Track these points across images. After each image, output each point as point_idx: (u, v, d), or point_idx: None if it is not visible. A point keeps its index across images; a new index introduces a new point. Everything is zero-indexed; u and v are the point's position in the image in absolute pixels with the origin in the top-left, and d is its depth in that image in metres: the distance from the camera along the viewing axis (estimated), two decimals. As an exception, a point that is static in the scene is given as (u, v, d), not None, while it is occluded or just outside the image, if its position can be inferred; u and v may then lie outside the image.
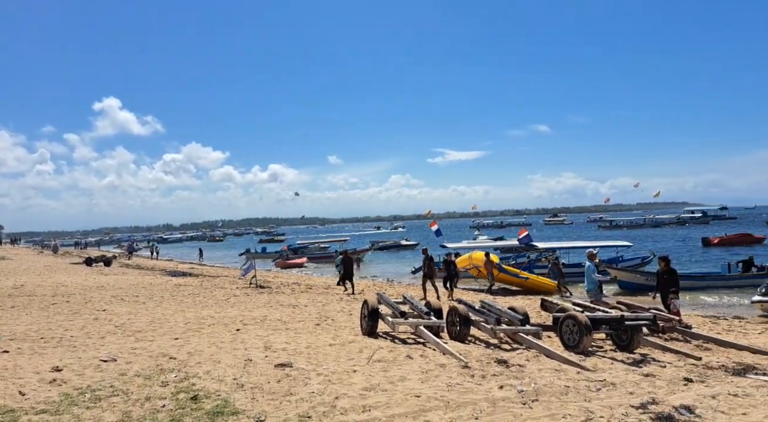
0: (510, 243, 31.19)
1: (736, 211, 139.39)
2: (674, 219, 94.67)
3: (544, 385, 6.37)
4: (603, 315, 9.05)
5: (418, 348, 8.46)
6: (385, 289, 20.50)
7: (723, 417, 5.31)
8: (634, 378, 6.91)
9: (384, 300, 10.49)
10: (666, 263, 11.88)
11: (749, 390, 6.33)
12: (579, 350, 8.32)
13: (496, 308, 9.82)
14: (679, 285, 11.86)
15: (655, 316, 9.42)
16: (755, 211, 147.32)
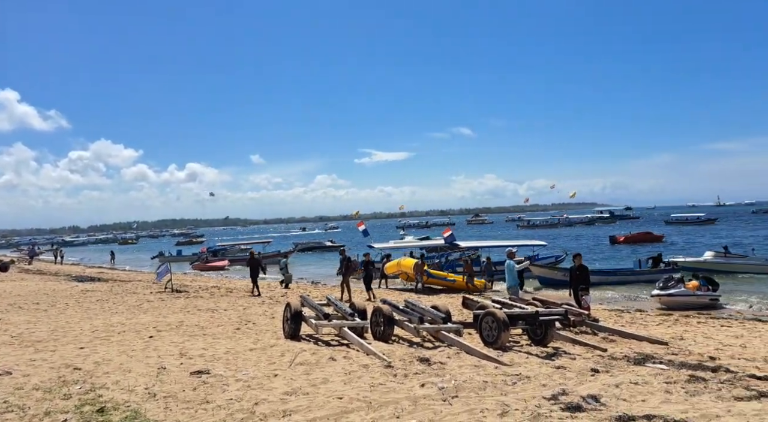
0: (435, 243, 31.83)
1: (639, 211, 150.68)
2: (585, 219, 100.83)
3: (463, 381, 6.53)
4: (520, 312, 9.42)
5: (342, 350, 8.41)
6: (309, 291, 20.27)
7: (624, 404, 5.67)
8: (547, 370, 7.24)
9: (307, 303, 10.36)
10: (579, 260, 12.61)
11: (648, 378, 6.82)
12: (497, 346, 8.62)
13: (419, 307, 9.96)
14: (590, 281, 12.62)
15: (566, 311, 9.93)
16: (655, 211, 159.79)
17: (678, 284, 17.20)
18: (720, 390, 6.23)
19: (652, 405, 5.66)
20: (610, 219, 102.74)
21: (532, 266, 24.22)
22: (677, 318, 14.09)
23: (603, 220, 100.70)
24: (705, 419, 5.13)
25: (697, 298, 16.86)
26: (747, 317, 14.86)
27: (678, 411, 5.38)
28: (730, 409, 5.41)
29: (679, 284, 17.19)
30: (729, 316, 15.03)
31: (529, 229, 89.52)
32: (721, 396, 5.97)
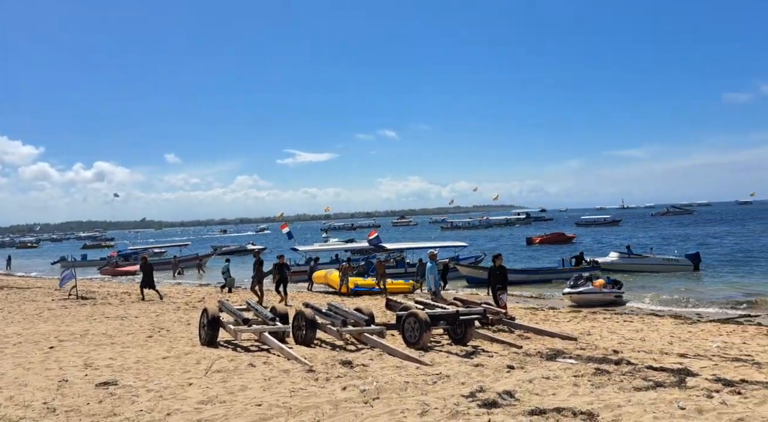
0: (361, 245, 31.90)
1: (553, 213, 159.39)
2: (504, 221, 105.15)
3: (385, 383, 6.56)
4: (441, 312, 9.62)
5: (262, 356, 8.20)
6: (229, 296, 19.64)
7: (537, 398, 5.93)
8: (466, 369, 7.44)
9: (226, 308, 10.01)
10: (499, 261, 13.07)
11: (558, 372, 7.18)
12: (419, 346, 8.75)
13: (342, 310, 9.91)
14: (508, 281, 13.12)
15: (485, 310, 10.26)
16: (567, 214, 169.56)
17: (587, 282, 18.30)
18: (622, 381, 6.66)
19: (562, 398, 5.95)
20: (526, 220, 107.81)
21: (460, 266, 25.11)
22: (586, 314, 14.98)
23: (520, 222, 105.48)
24: (608, 409, 5.45)
25: (603, 296, 18.01)
26: (646, 312, 16.09)
27: (584, 403, 5.69)
28: (630, 399, 5.80)
29: (587, 282, 18.30)
30: (631, 312, 16.19)
31: (452, 231, 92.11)
32: (622, 387, 6.38)
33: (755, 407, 5.48)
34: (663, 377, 6.85)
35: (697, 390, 6.15)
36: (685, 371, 7.22)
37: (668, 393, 6.04)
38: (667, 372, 7.18)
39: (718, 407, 5.44)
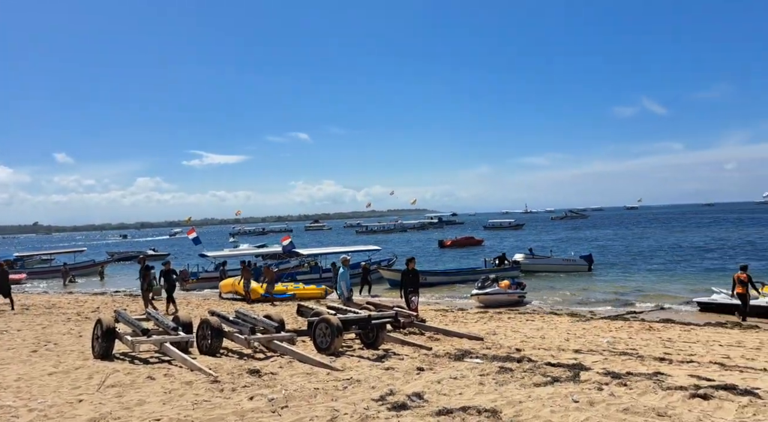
0: (273, 250, 31.23)
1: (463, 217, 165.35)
2: (417, 225, 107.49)
3: (294, 390, 6.42)
4: (353, 316, 9.60)
5: (163, 368, 7.74)
6: (127, 305, 18.41)
7: (445, 398, 6.06)
8: (377, 372, 7.46)
9: (123, 318, 9.36)
10: (412, 264, 13.31)
11: (465, 372, 7.40)
12: (331, 351, 8.67)
13: (251, 317, 9.61)
14: (419, 284, 13.38)
15: (396, 314, 10.38)
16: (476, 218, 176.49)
17: (493, 284, 19.10)
18: (523, 378, 6.99)
19: (468, 397, 6.13)
20: (438, 224, 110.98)
21: (383, 269, 25.44)
22: (492, 315, 15.62)
23: (433, 226, 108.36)
24: (510, 405, 5.69)
25: (508, 296, 18.89)
26: (546, 311, 17.07)
27: (489, 400, 5.90)
28: (530, 395, 6.09)
29: (494, 284, 19.11)
30: (533, 311, 17.11)
31: (367, 235, 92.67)
32: (524, 383, 6.69)
33: (638, 397, 5.95)
34: (560, 372, 7.26)
35: (590, 384, 6.58)
36: (579, 366, 7.71)
37: (564, 388, 6.41)
38: (564, 367, 7.63)
39: (607, 398, 5.85)
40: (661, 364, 8.20)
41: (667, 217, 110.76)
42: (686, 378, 7.04)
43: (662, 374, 7.32)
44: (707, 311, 16.18)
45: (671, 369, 7.82)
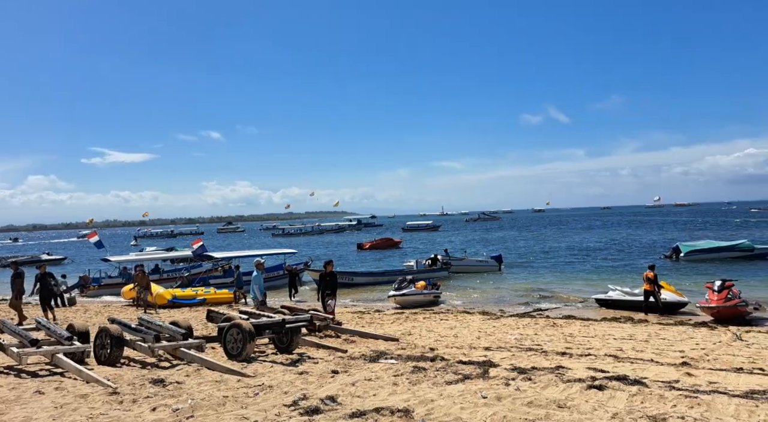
0: (183, 254, 29.85)
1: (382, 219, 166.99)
2: (335, 227, 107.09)
3: (201, 399, 6.12)
4: (266, 321, 9.34)
5: (54, 381, 7.11)
6: (12, 317, 16.76)
7: (359, 400, 6.04)
8: (290, 377, 7.30)
9: (7, 328, 8.51)
10: (330, 267, 13.21)
11: (380, 373, 7.43)
12: (242, 357, 8.38)
13: (155, 324, 9.08)
14: (337, 287, 13.31)
15: (312, 317, 10.24)
16: (395, 220, 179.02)
17: (410, 285, 19.42)
18: (436, 377, 7.12)
19: (382, 397, 6.15)
20: (357, 226, 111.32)
21: (312, 271, 25.34)
22: (408, 315, 15.85)
23: (352, 228, 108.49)
24: (422, 404, 5.77)
25: (424, 296, 19.28)
26: (459, 311, 17.58)
27: (402, 400, 5.95)
28: (442, 393, 6.21)
29: (410, 285, 19.42)
30: (447, 311, 17.55)
31: (284, 237, 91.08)
32: (436, 382, 6.82)
33: (542, 390, 6.25)
34: (470, 370, 7.48)
35: (498, 380, 6.83)
36: (488, 363, 7.99)
37: (474, 384, 6.61)
38: (474, 364, 7.88)
39: (513, 393, 6.09)
40: (563, 358, 8.69)
41: (569, 220, 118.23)
42: (584, 371, 7.51)
43: (563, 367, 7.76)
44: (604, 307, 17.38)
45: (571, 362, 8.31)
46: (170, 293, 19.21)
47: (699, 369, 7.85)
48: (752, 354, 9.30)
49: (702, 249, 31.50)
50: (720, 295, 14.56)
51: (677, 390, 6.26)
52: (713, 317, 14.39)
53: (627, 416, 5.23)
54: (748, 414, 5.34)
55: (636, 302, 16.71)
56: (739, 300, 14.50)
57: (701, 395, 6.04)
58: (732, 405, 5.63)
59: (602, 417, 5.23)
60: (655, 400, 5.80)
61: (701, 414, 5.29)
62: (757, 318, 14.65)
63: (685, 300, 16.42)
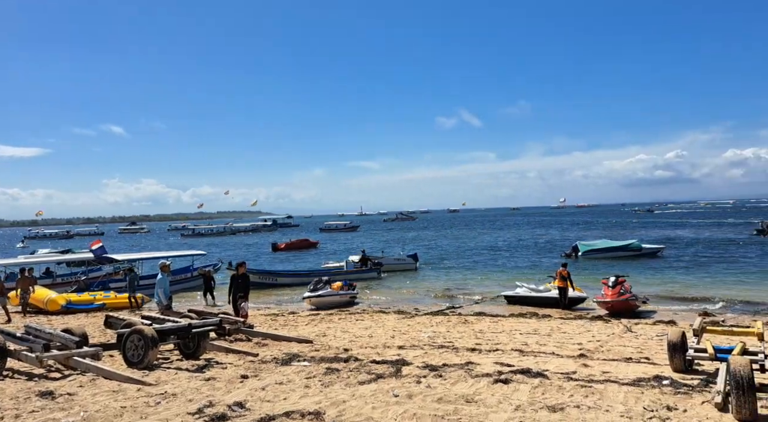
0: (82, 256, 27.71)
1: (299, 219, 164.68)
2: (249, 227, 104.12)
3: (96, 411, 5.69)
4: (171, 326, 8.87)
5: None
6: None
7: (268, 405, 5.87)
8: (196, 384, 6.97)
9: None
10: (243, 269, 12.76)
11: (292, 376, 7.28)
12: (143, 365, 7.90)
13: (45, 332, 8.33)
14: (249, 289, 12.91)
15: (221, 320, 9.86)
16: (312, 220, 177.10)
17: (326, 286, 19.25)
18: (349, 377, 7.09)
19: (293, 401, 6.02)
20: (272, 227, 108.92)
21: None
22: (323, 316, 15.69)
23: (267, 228, 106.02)
24: (334, 406, 5.71)
25: (340, 297, 19.17)
26: (375, 310, 17.67)
27: (313, 403, 5.86)
28: (354, 393, 6.19)
29: (326, 286, 19.25)
30: (363, 311, 17.58)
31: (193, 238, 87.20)
32: (349, 383, 6.79)
33: (451, 386, 6.41)
34: (383, 369, 7.52)
35: (410, 378, 6.91)
36: (401, 361, 8.08)
37: (386, 383, 6.65)
38: (388, 363, 7.93)
39: (424, 390, 6.19)
40: (473, 354, 8.97)
41: (482, 220, 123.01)
42: (492, 366, 7.80)
43: (473, 363, 8.01)
44: (513, 303, 18.18)
45: (480, 358, 8.59)
46: (64, 298, 17.73)
47: (594, 360, 8.40)
48: (640, 344, 10.10)
49: (598, 248, 33.88)
50: (614, 290, 15.71)
51: (574, 381, 6.65)
52: (608, 311, 15.49)
53: (528, 407, 5.47)
54: (635, 400, 5.77)
55: (541, 298, 17.63)
56: (630, 294, 15.72)
57: (595, 384, 6.46)
58: (621, 392, 6.07)
59: (506, 409, 5.44)
60: (554, 391, 6.13)
61: (594, 402, 5.65)
62: (645, 312, 15.96)
63: (584, 295, 17.55)
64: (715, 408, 5.43)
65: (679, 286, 21.34)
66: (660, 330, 11.77)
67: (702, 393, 6.02)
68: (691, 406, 5.55)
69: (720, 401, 5.41)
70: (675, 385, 6.35)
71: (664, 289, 20.58)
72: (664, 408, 5.49)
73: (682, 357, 7.12)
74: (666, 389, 6.20)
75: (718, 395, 5.50)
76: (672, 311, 16.08)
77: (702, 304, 17.20)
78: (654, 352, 9.01)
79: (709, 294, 19.05)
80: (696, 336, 7.81)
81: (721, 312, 15.56)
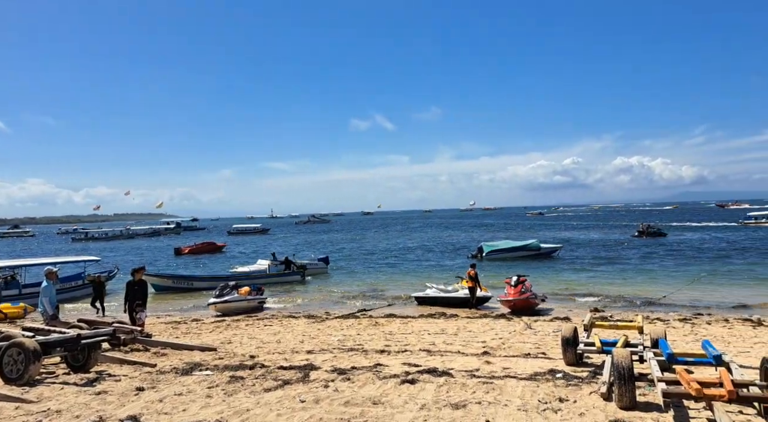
0: None
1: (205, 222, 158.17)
2: (150, 231, 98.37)
3: (-38, 438, 5.08)
4: (57, 337, 8.14)
5: None
6: None
7: (166, 417, 5.55)
8: (85, 399, 6.44)
9: None
10: (140, 275, 12.02)
11: (193, 386, 6.93)
12: (24, 381, 7.17)
13: None
14: (147, 296, 12.19)
15: (114, 330, 9.21)
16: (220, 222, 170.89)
17: (232, 291, 18.60)
18: (254, 385, 6.87)
19: (193, 412, 5.73)
20: (176, 230, 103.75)
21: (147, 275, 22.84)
22: (229, 323, 15.15)
23: (169, 231, 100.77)
24: (237, 415, 5.51)
25: (248, 303, 18.61)
26: (285, 315, 17.34)
27: (215, 413, 5.61)
28: (259, 401, 6.01)
29: (233, 291, 18.61)
30: (272, 316, 17.18)
31: (86, 242, 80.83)
32: (254, 390, 6.58)
33: (359, 389, 6.41)
34: (291, 375, 7.38)
35: (317, 383, 6.83)
36: (309, 366, 7.96)
37: (293, 389, 6.52)
38: (295, 369, 7.79)
39: (331, 394, 6.14)
40: (382, 356, 9.04)
41: (396, 222, 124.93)
42: (400, 366, 7.90)
43: (381, 365, 8.07)
44: (423, 304, 18.60)
45: (389, 359, 8.68)
46: None
47: (496, 357, 8.78)
48: (538, 340, 10.70)
49: (500, 249, 35.61)
50: (516, 289, 16.56)
51: (477, 378, 6.90)
52: (510, 309, 16.29)
53: (433, 406, 5.60)
54: (531, 393, 6.09)
55: (450, 299, 18.18)
56: (531, 293, 16.65)
57: (496, 380, 6.75)
58: (519, 387, 6.38)
59: (412, 409, 5.52)
60: (458, 389, 6.32)
61: (495, 398, 5.89)
62: (544, 309, 16.96)
63: (489, 295, 18.32)
64: (600, 397, 5.85)
65: (574, 284, 22.93)
66: (556, 327, 12.55)
67: (590, 384, 6.47)
68: (580, 397, 5.94)
69: (605, 391, 5.85)
70: (567, 378, 6.78)
71: (560, 287, 22.01)
72: (557, 399, 5.83)
73: (574, 351, 7.62)
74: (559, 382, 6.61)
75: (604, 385, 5.95)
76: (567, 308, 17.21)
77: (593, 300, 18.58)
78: (550, 347, 9.58)
79: (598, 291, 20.64)
80: (586, 331, 8.40)
81: (609, 308, 16.89)
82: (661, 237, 48.27)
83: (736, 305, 17.06)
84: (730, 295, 18.90)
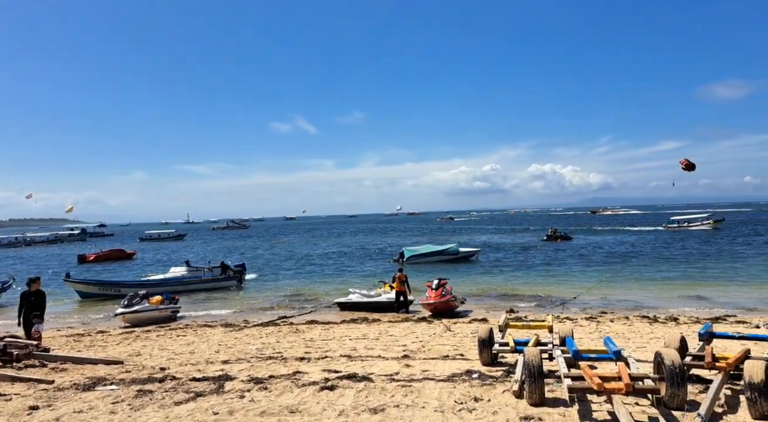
0: None
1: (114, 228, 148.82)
2: (51, 237, 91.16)
3: None
4: (-65, 355, 7.30)
5: None
6: None
7: (62, 440, 5.11)
8: (-34, 424, 5.81)
9: None
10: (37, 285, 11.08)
11: (95, 402, 6.45)
12: None
13: None
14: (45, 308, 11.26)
15: (5, 345, 8.41)
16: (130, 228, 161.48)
17: (143, 300, 17.58)
18: (164, 398, 6.50)
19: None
20: (81, 236, 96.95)
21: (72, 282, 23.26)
22: (139, 334, 14.31)
23: (73, 238, 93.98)
24: (144, 432, 5.18)
25: (159, 312, 17.66)
26: (200, 324, 16.63)
27: (119, 431, 5.24)
28: (169, 415, 5.69)
29: (143, 300, 17.59)
30: (186, 326, 16.40)
31: (-25, 250, 73.50)
32: (163, 404, 6.22)
33: (276, 398, 6.24)
34: (204, 386, 7.06)
35: (233, 393, 6.58)
36: (225, 377, 7.66)
37: (206, 401, 6.23)
38: (209, 380, 7.46)
39: (247, 405, 5.93)
40: (301, 363, 8.88)
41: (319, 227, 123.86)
42: (320, 373, 7.79)
43: (301, 372, 7.92)
44: (345, 310, 18.51)
45: (309, 366, 8.54)
46: None
47: (416, 360, 8.88)
48: (456, 342, 10.96)
49: (421, 253, 36.29)
50: (437, 292, 16.89)
51: (396, 382, 6.94)
52: (431, 312, 16.59)
53: (352, 411, 5.55)
54: (448, 394, 6.21)
55: (373, 303, 18.22)
56: (451, 296, 17.05)
57: (414, 383, 6.82)
58: (437, 388, 6.48)
59: (330, 416, 5.45)
60: (377, 393, 6.32)
61: (413, 400, 5.95)
62: (463, 311, 17.42)
63: (410, 298, 18.57)
64: (513, 395, 6.07)
65: (491, 286, 23.78)
66: (474, 328, 12.92)
67: (504, 383, 6.70)
68: (494, 396, 6.13)
69: (517, 389, 6.08)
70: (482, 378, 6.98)
71: (478, 289, 22.75)
72: (472, 399, 5.98)
73: (490, 352, 7.87)
74: (475, 382, 6.79)
75: (516, 383, 6.18)
76: (484, 309, 17.79)
77: (508, 301, 19.35)
78: (468, 349, 9.84)
79: (513, 292, 21.54)
80: (501, 331, 8.71)
81: (523, 309, 17.65)
82: (568, 240, 51.37)
83: (637, 305, 18.43)
84: (631, 295, 20.38)
